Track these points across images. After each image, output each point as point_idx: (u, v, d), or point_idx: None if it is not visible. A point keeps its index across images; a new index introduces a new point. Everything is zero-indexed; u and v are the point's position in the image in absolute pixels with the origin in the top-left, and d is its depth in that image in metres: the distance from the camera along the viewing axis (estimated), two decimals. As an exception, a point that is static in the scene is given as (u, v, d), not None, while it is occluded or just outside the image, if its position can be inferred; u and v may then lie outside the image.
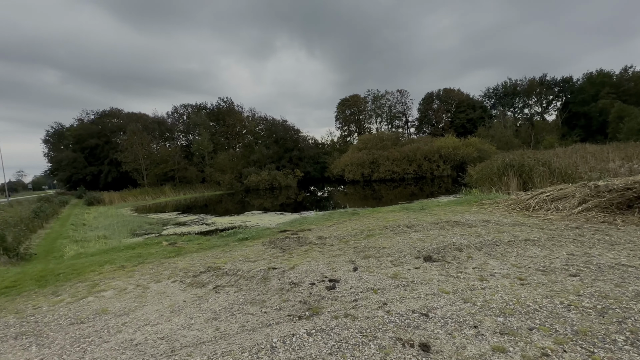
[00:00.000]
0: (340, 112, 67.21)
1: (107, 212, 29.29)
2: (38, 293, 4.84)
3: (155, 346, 3.07)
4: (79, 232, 18.05)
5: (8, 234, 12.32)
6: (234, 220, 20.15)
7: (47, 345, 3.26)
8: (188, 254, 6.55)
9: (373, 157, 43.52)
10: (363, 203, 24.45)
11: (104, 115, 53.51)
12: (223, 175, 46.68)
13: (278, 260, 5.57)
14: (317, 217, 9.56)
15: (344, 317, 3.32)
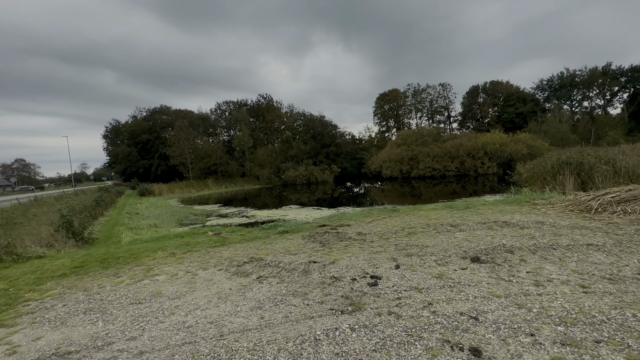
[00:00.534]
0: (378, 107, 65.96)
1: (157, 202, 31.44)
2: (102, 274, 5.33)
3: (205, 329, 3.24)
4: (133, 220, 19.60)
5: (75, 220, 13.68)
6: (273, 213, 20.69)
7: (111, 322, 3.57)
8: (232, 244, 6.83)
9: (412, 154, 42.27)
10: (401, 200, 23.88)
11: (154, 112, 57.36)
12: (262, 169, 48.04)
13: (318, 254, 5.62)
14: (355, 213, 9.50)
15: (387, 315, 3.26)
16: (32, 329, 3.54)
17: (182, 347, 2.95)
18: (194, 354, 2.81)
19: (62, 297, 4.40)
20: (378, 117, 66.52)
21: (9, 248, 6.45)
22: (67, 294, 4.50)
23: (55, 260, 6.30)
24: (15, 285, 5.00)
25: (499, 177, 31.25)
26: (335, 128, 53.68)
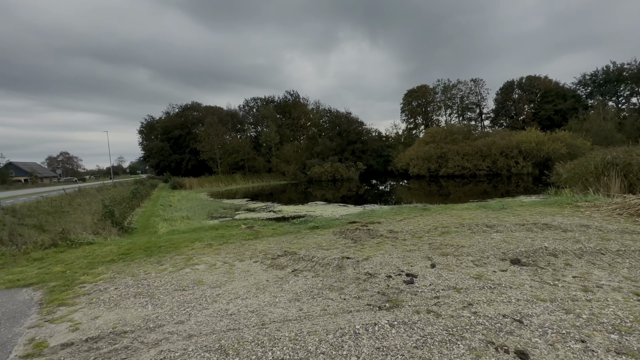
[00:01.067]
0: (406, 104, 64.62)
1: (188, 195, 32.70)
2: (146, 261, 5.66)
3: (247, 318, 3.37)
4: (167, 212, 20.54)
5: (116, 210, 14.55)
6: (299, 209, 20.93)
7: (160, 306, 3.80)
8: (264, 237, 7.01)
9: (441, 151, 41.14)
10: (428, 199, 23.33)
11: (186, 108, 59.49)
12: (288, 165, 48.61)
13: (350, 250, 5.65)
14: (385, 211, 9.43)
15: (426, 313, 3.24)
16: (90, 308, 3.84)
17: (227, 332, 3.09)
18: (239, 340, 2.94)
19: (113, 281, 4.72)
20: (406, 114, 65.19)
21: (64, 234, 7.01)
22: (117, 279, 4.83)
23: (103, 247, 6.77)
24: (71, 268, 5.43)
25: (535, 177, 29.77)
26: (361, 125, 53.28)
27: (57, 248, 6.53)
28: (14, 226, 8.76)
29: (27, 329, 3.42)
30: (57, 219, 15.98)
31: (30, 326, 3.47)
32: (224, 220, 18.60)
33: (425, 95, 62.84)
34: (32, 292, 4.48)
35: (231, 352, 2.76)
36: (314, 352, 2.69)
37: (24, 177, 66.17)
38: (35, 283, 4.79)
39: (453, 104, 63.60)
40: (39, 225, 13.65)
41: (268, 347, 2.81)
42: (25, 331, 3.37)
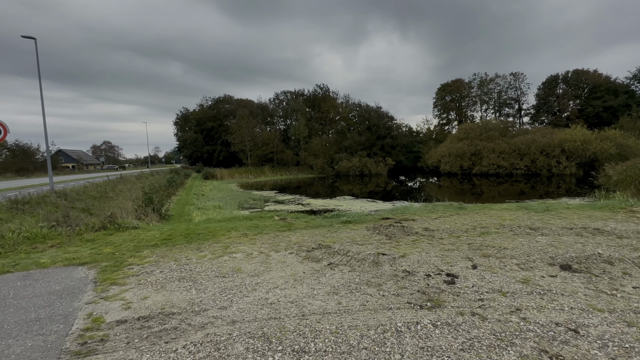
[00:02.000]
0: (439, 99, 62.47)
1: (220, 186, 33.77)
2: (187, 247, 5.90)
3: (287, 308, 3.42)
4: (200, 201, 21.35)
5: (155, 197, 15.30)
6: (327, 203, 20.98)
7: (203, 291, 3.95)
8: (298, 230, 7.09)
9: (475, 149, 39.50)
10: (460, 198, 22.45)
11: (218, 101, 61.12)
12: (316, 159, 48.77)
13: (385, 246, 5.57)
14: (419, 208, 9.21)
15: (470, 315, 3.13)
16: (139, 289, 4.06)
17: (269, 321, 3.16)
18: (281, 329, 2.99)
19: (158, 265, 4.97)
20: (438, 109, 63.05)
21: (112, 218, 7.49)
22: (161, 262, 5.08)
23: (147, 231, 7.15)
24: (119, 250, 5.78)
25: (578, 178, 27.88)
26: (391, 119, 52.24)
27: (106, 231, 6.98)
28: (66, 209, 9.45)
29: (84, 304, 3.69)
30: (102, 204, 17.08)
31: (87, 302, 3.73)
32: (254, 211, 19.04)
33: (460, 90, 60.38)
34: (86, 270, 4.82)
35: (274, 340, 2.82)
36: (357, 347, 2.68)
37: (71, 164, 71.30)
38: (88, 262, 5.15)
39: (489, 99, 60.64)
40: (86, 209, 14.68)
41: (310, 338, 2.84)
42: (83, 306, 3.63)
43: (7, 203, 11.36)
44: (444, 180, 35.36)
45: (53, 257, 5.44)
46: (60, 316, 3.40)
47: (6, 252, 5.81)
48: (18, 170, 49.42)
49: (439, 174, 41.30)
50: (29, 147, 55.84)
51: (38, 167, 53.37)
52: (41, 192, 15.12)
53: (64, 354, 2.72)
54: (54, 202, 13.72)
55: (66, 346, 2.85)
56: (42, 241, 6.41)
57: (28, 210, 11.43)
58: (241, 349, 2.71)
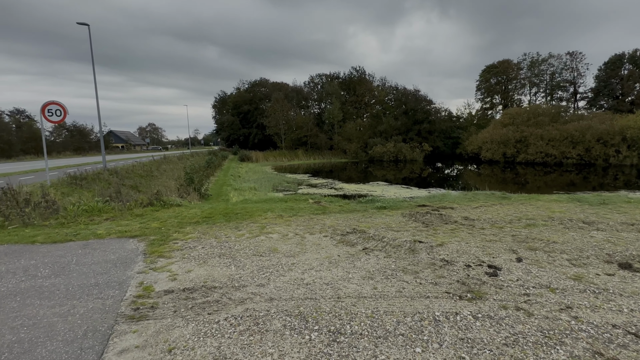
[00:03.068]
0: (483, 81, 58.53)
1: (255, 168, 34.72)
2: (226, 226, 6.16)
3: (322, 289, 3.47)
4: (236, 182, 22.14)
5: (195, 177, 16.07)
6: (360, 188, 20.84)
7: (242, 268, 4.11)
8: (332, 213, 7.11)
9: (521, 135, 36.94)
10: (500, 187, 21.26)
11: (254, 84, 61.96)
12: (349, 144, 48.27)
13: (422, 234, 5.43)
14: (458, 196, 8.83)
15: (514, 310, 2.98)
16: (183, 263, 4.32)
17: (305, 301, 3.23)
18: (317, 309, 3.04)
19: (200, 241, 5.24)
20: (482, 92, 59.21)
21: (158, 195, 7.99)
22: (203, 239, 5.35)
23: (189, 209, 7.55)
24: (165, 225, 6.17)
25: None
26: (430, 103, 50.05)
27: (153, 207, 7.47)
28: (118, 186, 10.21)
29: (136, 273, 3.99)
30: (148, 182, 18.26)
31: (138, 272, 4.04)
32: (287, 193, 19.41)
33: (507, 72, 56.06)
34: (137, 242, 5.20)
35: (310, 319, 2.88)
36: (393, 332, 2.66)
37: (121, 144, 76.64)
38: (138, 235, 5.55)
39: (540, 82, 55.84)
40: (134, 186, 15.78)
41: (345, 320, 2.86)
42: (135, 275, 3.93)
43: (67, 179, 12.51)
44: (485, 168, 33.62)
45: (108, 229, 5.93)
46: (115, 283, 3.71)
47: (68, 223, 6.42)
48: (76, 149, 54.06)
49: (478, 162, 39.30)
50: (84, 128, 60.73)
51: (92, 146, 58.02)
52: (95, 169, 16.45)
53: (120, 317, 2.98)
54: (107, 179, 14.88)
55: (121, 310, 3.11)
56: (97, 214, 7.00)
57: (85, 186, 12.51)
58: (279, 325, 2.80)
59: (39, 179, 13.46)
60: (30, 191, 8.18)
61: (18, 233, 5.71)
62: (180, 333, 2.71)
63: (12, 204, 6.58)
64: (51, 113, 11.09)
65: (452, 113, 53.81)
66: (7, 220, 6.12)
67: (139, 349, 2.52)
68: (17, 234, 5.64)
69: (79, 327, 2.81)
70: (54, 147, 51.84)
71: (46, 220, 6.45)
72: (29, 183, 12.11)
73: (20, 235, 5.55)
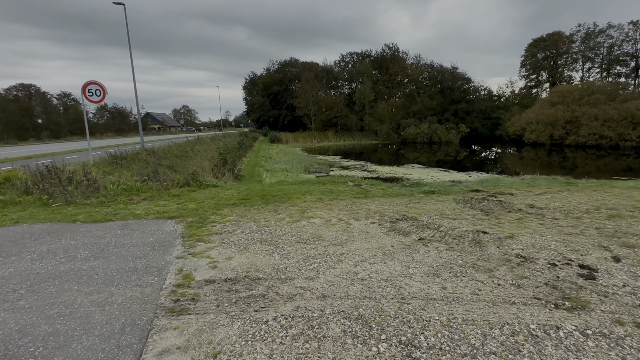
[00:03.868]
0: (529, 56, 53.75)
1: (285, 149, 34.57)
2: (264, 208, 5.82)
3: (381, 287, 3.00)
4: (268, 164, 22.03)
5: (229, 158, 16.03)
6: (394, 171, 19.97)
7: (285, 256, 3.73)
8: (375, 197, 6.57)
9: (572, 115, 33.75)
10: (545, 172, 19.39)
11: (284, 64, 61.06)
12: (381, 125, 46.69)
13: (484, 223, 4.77)
14: (515, 181, 7.93)
15: (636, 327, 2.35)
16: (223, 248, 4.01)
17: (363, 300, 2.77)
18: (379, 313, 2.58)
19: (239, 224, 4.93)
20: (526, 69, 54.53)
21: (194, 176, 7.84)
22: (241, 222, 5.04)
23: (225, 190, 7.32)
24: (202, 207, 5.94)
25: None
26: (468, 82, 46.93)
27: (189, 187, 7.31)
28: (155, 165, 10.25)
29: (175, 258, 3.73)
30: (183, 162, 18.56)
31: (177, 257, 3.77)
32: (319, 175, 19.00)
33: (557, 45, 50.94)
34: (175, 224, 4.98)
35: (374, 325, 2.42)
36: (481, 350, 2.14)
37: (157, 126, 79.55)
38: (176, 217, 5.34)
39: (596, 56, 50.33)
40: (170, 166, 16.05)
41: (417, 328, 2.38)
42: (174, 260, 3.67)
43: (109, 158, 12.86)
44: (528, 150, 31.26)
45: (146, 210, 5.80)
46: (154, 268, 3.46)
47: (108, 202, 6.38)
48: (117, 130, 56.78)
49: (520, 144, 36.67)
50: (124, 110, 63.46)
51: (131, 127, 60.64)
52: (134, 149, 16.88)
53: (160, 310, 2.69)
54: (145, 159, 15.21)
55: (161, 301, 2.83)
56: (136, 194, 6.94)
57: (125, 165, 12.79)
58: (337, 330, 2.37)
59: (83, 158, 13.97)
60: (73, 170, 8.33)
61: (61, 211, 5.72)
62: (226, 334, 2.36)
63: (56, 182, 6.65)
64: (91, 93, 11.23)
65: (492, 92, 50.24)
66: (52, 198, 6.18)
67: (180, 350, 2.20)
68: (60, 212, 5.64)
69: (117, 320, 2.55)
70: (97, 128, 54.72)
71: (87, 198, 6.45)
72: (73, 162, 12.56)
73: (62, 214, 5.55)
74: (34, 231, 4.72)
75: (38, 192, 6.27)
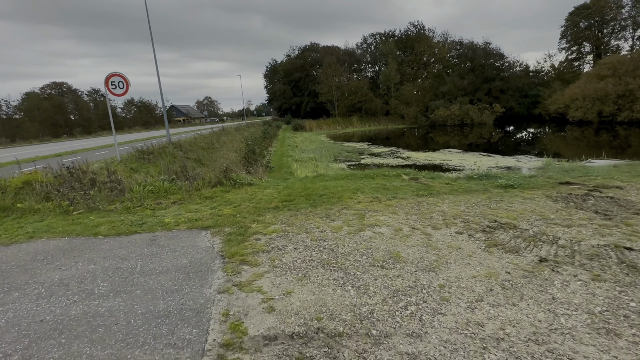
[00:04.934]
0: (570, 26, 48.99)
1: (310, 137, 33.47)
2: (313, 213, 4.83)
3: (535, 356, 1.93)
4: (295, 153, 21.08)
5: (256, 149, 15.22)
6: (430, 157, 18.51)
7: (363, 290, 2.72)
8: (442, 195, 5.42)
9: (625, 89, 30.38)
10: (590, 152, 17.27)
11: (305, 50, 59.29)
12: (408, 108, 44.44)
13: (615, 233, 3.55)
14: (612, 169, 6.47)
15: None
16: (276, 275, 3.06)
17: (522, 387, 1.73)
18: (565, 419, 1.53)
19: (288, 236, 3.98)
20: (567, 40, 49.82)
21: (227, 173, 6.97)
22: (290, 233, 4.08)
23: (263, 189, 6.41)
24: (239, 212, 5.05)
25: None
26: (501, 58, 43.43)
27: (222, 187, 6.44)
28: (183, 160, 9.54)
29: (217, 293, 2.82)
30: (210, 154, 17.98)
31: (219, 290, 2.87)
32: (350, 164, 17.87)
33: (603, 12, 45.90)
34: (210, 237, 4.10)
35: None
36: None
37: (182, 118, 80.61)
38: (211, 226, 4.47)
39: (649, 21, 45.02)
40: (198, 159, 15.47)
41: None
42: (215, 297, 2.76)
43: (136, 154, 12.37)
44: (572, 129, 28.59)
45: (176, 217, 4.97)
46: (191, 311, 2.57)
47: (134, 207, 5.64)
48: (144, 123, 57.81)
49: (562, 123, 33.72)
50: (150, 104, 64.42)
51: (158, 120, 61.60)
52: (161, 142, 16.41)
53: (205, 396, 1.77)
54: (172, 153, 14.68)
55: (205, 377, 1.91)
56: (164, 196, 6.16)
57: (152, 160, 12.25)
58: None
59: (111, 154, 13.59)
60: (97, 169, 7.71)
61: (82, 221, 5.01)
62: None
63: (77, 186, 5.98)
64: (114, 85, 10.59)
65: (529, 67, 46.38)
66: (72, 205, 5.50)
67: None
68: (81, 222, 4.93)
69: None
70: (125, 122, 55.92)
71: (112, 203, 5.74)
72: (100, 159, 12.15)
73: (83, 224, 4.82)
74: (49, 250, 3.99)
75: (58, 198, 5.61)
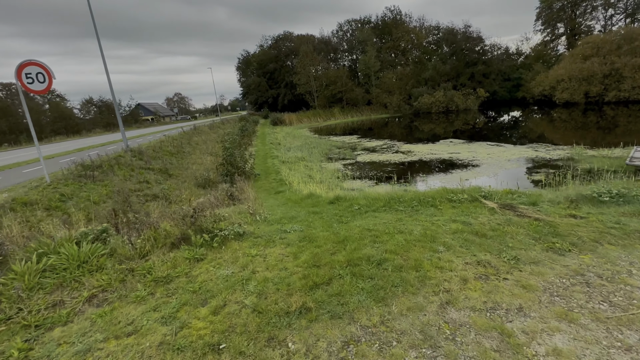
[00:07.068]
0: (544, 8, 48.45)
1: (292, 132, 30.74)
2: (388, 326, 2.36)
3: None
4: (280, 152, 18.39)
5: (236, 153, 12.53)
6: (433, 150, 16.44)
7: None
8: (592, 244, 3.16)
9: (612, 67, 29.66)
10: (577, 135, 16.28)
11: (278, 39, 55.80)
12: (390, 96, 42.44)
13: None
14: None
15: None
16: None
17: None
18: None
19: None
20: (542, 22, 49.31)
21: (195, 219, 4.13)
22: None
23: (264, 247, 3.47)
24: (226, 330, 2.48)
25: None
26: (481, 41, 42.03)
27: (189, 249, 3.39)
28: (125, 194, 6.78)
29: None
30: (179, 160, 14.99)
31: None
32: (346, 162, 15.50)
33: (577, -8, 45.59)
34: None
35: None
36: None
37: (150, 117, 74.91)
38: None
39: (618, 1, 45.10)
40: (164, 170, 12.53)
41: None
42: None
43: (76, 170, 9.34)
44: (559, 111, 27.62)
45: None
46: None
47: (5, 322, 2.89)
48: (105, 125, 52.35)
49: (547, 105, 32.88)
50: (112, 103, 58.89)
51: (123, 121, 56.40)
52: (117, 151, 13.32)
53: None
54: (129, 164, 11.67)
55: None
56: (77, 278, 3.21)
57: (99, 177, 9.33)
58: None
59: (49, 169, 10.08)
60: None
61: None
62: None
63: None
64: (31, 79, 7.59)
65: (509, 50, 45.53)
66: None
67: None
68: None
69: None
70: (83, 125, 50.44)
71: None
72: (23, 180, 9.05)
73: None
74: None
75: None
